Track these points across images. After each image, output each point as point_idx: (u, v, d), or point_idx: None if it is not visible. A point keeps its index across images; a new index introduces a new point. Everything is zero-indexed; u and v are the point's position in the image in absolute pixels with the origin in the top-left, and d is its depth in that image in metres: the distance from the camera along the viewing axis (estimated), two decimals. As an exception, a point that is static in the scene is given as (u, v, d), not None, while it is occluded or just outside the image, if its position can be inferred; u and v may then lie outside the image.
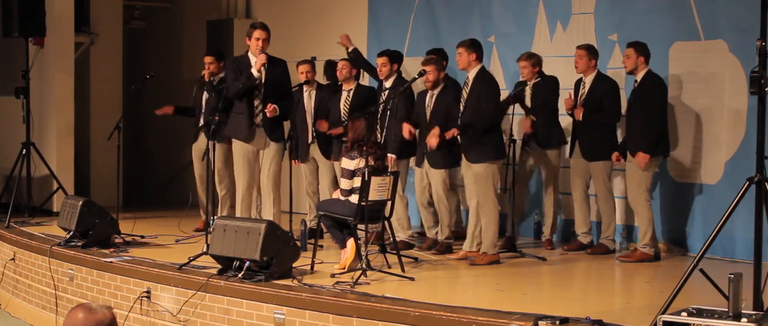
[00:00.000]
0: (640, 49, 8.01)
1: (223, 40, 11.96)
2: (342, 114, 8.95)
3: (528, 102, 8.66)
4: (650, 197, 8.11)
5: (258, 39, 8.20)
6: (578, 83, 8.52)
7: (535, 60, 8.65)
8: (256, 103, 8.27)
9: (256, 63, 8.18)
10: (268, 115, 8.20)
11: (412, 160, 8.69)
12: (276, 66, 8.36)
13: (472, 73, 7.90)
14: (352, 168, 7.53)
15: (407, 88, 8.38)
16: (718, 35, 8.16)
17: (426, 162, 8.38)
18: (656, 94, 7.98)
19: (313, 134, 9.23)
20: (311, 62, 9.34)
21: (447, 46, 9.17)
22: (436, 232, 8.59)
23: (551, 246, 8.69)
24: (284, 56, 8.53)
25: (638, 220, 8.04)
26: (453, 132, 7.84)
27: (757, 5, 5.39)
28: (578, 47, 8.46)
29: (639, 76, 8.03)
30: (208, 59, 9.70)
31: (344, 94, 9.08)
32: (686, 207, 8.43)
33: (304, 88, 9.22)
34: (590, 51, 8.39)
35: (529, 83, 8.66)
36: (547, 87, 8.65)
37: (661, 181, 8.52)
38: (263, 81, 8.22)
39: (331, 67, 9.70)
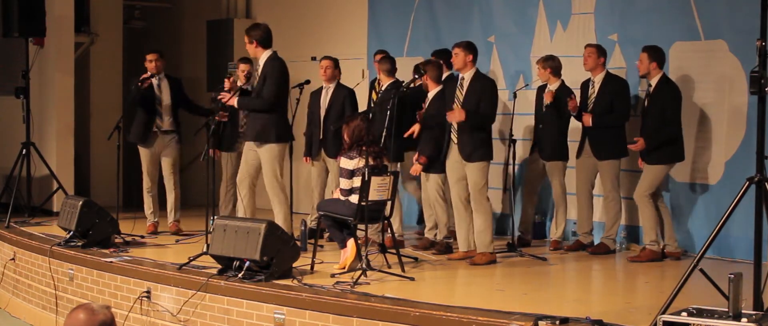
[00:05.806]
0: (654, 54, 7.97)
1: (222, 40, 11.96)
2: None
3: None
4: (656, 199, 8.09)
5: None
6: (586, 84, 8.50)
7: (551, 63, 8.63)
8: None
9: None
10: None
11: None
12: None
13: (468, 75, 7.92)
14: (350, 168, 7.53)
15: (404, 88, 8.35)
16: (718, 35, 8.16)
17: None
18: (672, 101, 7.96)
19: (323, 132, 9.17)
20: (334, 59, 9.22)
21: (447, 46, 9.16)
22: (435, 234, 8.60)
23: (558, 247, 8.67)
24: (284, 56, 8.50)
25: (642, 220, 8.04)
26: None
27: (757, 5, 5.40)
28: (587, 45, 8.44)
29: (653, 81, 8.00)
30: (154, 56, 9.72)
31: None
32: (686, 207, 8.43)
33: (323, 85, 9.16)
34: (599, 49, 8.38)
35: (548, 87, 8.64)
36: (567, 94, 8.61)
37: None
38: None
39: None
